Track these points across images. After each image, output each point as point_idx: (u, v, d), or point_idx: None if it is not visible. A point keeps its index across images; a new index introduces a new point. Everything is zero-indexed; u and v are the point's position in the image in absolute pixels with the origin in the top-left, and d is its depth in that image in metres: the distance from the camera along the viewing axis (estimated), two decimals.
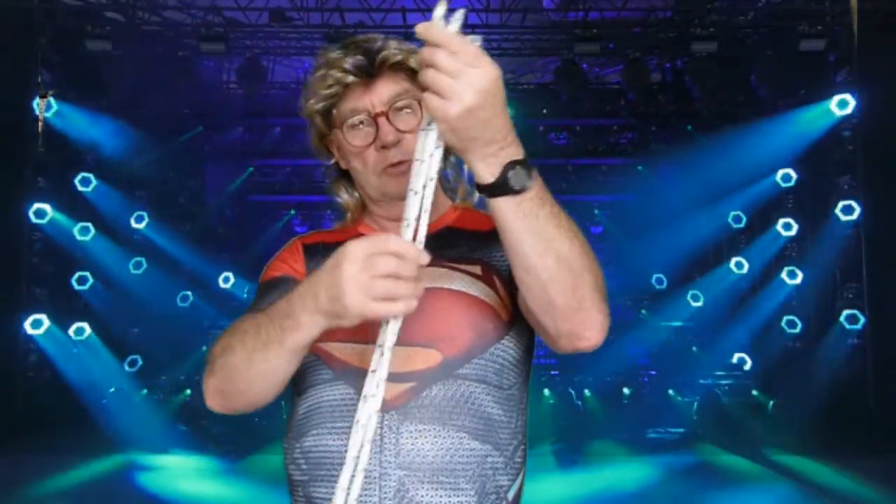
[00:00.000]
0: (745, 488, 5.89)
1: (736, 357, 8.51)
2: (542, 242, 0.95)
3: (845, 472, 6.16)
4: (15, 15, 7.41)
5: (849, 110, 7.82)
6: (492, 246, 1.22)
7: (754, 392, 7.93)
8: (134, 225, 8.71)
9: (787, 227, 8.64)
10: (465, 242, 1.24)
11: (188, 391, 7.69)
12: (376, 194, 1.25)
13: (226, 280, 9.36)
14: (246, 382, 1.07)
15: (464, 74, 0.84)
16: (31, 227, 8.03)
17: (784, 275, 8.41)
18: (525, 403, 1.21)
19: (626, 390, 7.99)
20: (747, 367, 8.40)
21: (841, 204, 7.82)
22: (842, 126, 7.99)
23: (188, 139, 9.18)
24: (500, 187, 0.91)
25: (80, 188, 8.39)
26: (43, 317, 7.77)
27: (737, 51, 8.25)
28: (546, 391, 7.75)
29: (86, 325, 8.09)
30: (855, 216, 7.78)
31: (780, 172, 8.56)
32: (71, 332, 8.02)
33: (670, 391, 8.03)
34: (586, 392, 7.91)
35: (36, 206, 7.92)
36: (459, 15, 0.86)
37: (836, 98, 7.82)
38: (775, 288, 8.54)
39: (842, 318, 7.68)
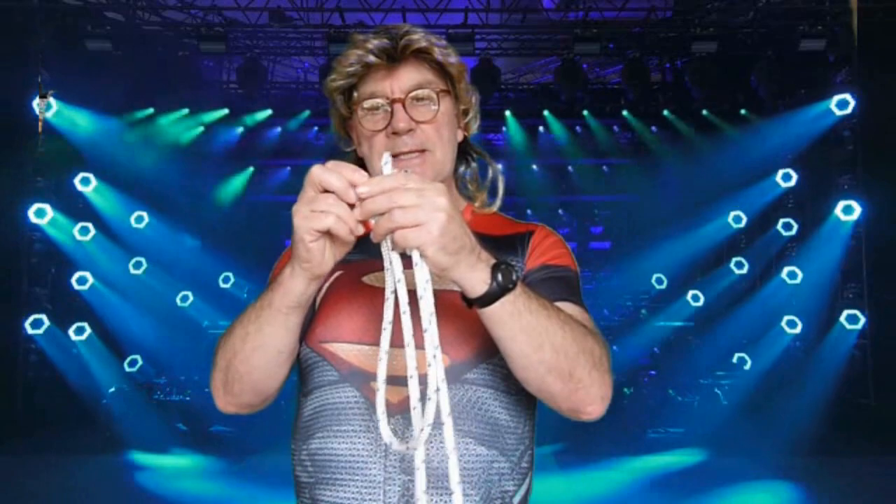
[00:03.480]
0: (745, 488, 5.88)
1: (736, 357, 8.50)
2: (537, 337, 0.95)
3: (845, 472, 6.16)
4: (15, 15, 7.42)
5: (849, 110, 7.82)
6: (504, 251, 1.22)
7: (754, 392, 7.93)
8: (134, 225, 8.71)
9: (787, 227, 8.64)
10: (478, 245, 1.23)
11: (188, 391, 7.69)
12: None
13: (226, 280, 9.36)
14: (245, 362, 1.06)
15: (423, 198, 0.86)
16: (31, 227, 8.03)
17: (784, 275, 8.40)
18: (534, 409, 1.20)
19: (626, 390, 7.98)
20: (747, 367, 8.39)
21: (841, 204, 7.81)
22: (842, 126, 7.99)
23: (188, 139, 9.18)
24: (497, 290, 0.92)
25: (80, 188, 8.39)
26: (43, 317, 7.77)
27: (737, 51, 8.25)
28: None
29: (86, 325, 8.09)
30: (855, 216, 7.78)
31: (780, 172, 8.56)
32: (71, 332, 8.02)
33: (670, 391, 8.02)
34: None
35: (36, 206, 7.92)
36: (387, 157, 0.95)
37: (836, 98, 7.82)
38: (775, 288, 8.54)
39: (842, 318, 7.67)
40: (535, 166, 10.07)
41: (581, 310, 1.13)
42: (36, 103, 7.79)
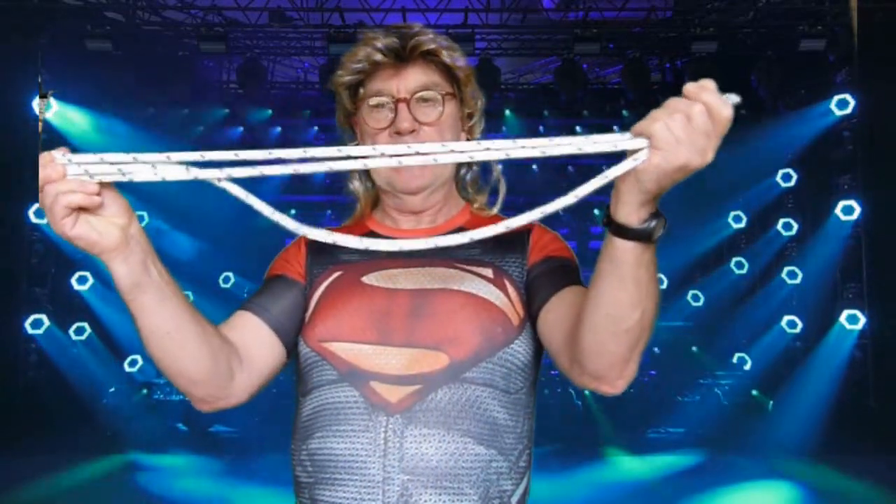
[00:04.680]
0: (744, 488, 5.88)
1: (736, 357, 8.50)
2: (639, 295, 0.96)
3: (845, 472, 6.16)
4: (15, 15, 7.41)
5: (849, 110, 7.83)
6: (504, 250, 1.22)
7: (754, 392, 7.93)
8: None
9: (787, 227, 8.64)
10: (478, 244, 1.23)
11: None
12: (382, 182, 1.25)
13: (226, 280, 9.35)
14: (156, 361, 1.08)
15: (717, 139, 0.87)
16: (31, 227, 8.03)
17: (784, 275, 8.41)
18: (532, 408, 1.20)
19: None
20: (747, 367, 8.39)
21: (841, 204, 7.82)
22: (842, 126, 7.99)
23: (188, 139, 9.17)
24: (640, 233, 0.92)
25: None
26: (43, 317, 7.77)
27: (737, 51, 8.24)
28: (546, 391, 7.75)
29: (86, 325, 8.09)
30: (855, 216, 7.78)
31: (780, 172, 8.56)
32: (71, 332, 8.02)
33: (670, 391, 8.03)
34: (586, 392, 7.91)
35: (35, 205, 7.92)
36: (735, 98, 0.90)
37: (836, 98, 7.83)
38: (775, 288, 8.54)
39: (842, 318, 7.67)
40: (534, 166, 10.07)
41: None
42: (36, 103, 7.78)
